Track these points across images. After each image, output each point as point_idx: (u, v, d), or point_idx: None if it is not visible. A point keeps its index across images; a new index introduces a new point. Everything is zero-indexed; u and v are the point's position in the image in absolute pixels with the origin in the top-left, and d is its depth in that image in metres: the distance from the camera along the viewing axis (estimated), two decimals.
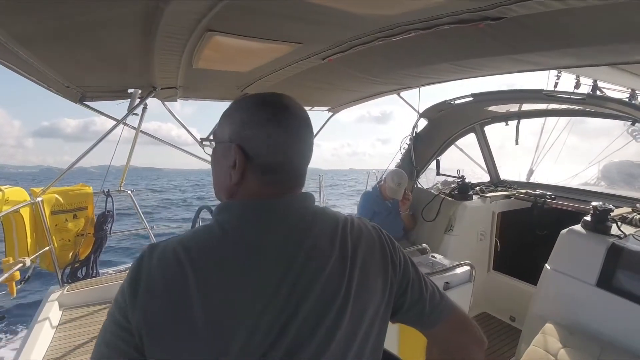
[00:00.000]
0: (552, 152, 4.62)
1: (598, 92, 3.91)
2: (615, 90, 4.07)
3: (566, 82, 3.93)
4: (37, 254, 3.28)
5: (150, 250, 0.71)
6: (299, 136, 0.78)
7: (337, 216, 0.83)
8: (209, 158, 0.86)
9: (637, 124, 3.27)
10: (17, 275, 3.05)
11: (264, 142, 0.75)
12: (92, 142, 3.22)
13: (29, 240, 3.22)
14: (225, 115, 0.81)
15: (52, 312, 2.95)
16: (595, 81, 3.84)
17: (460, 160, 4.54)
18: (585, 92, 3.73)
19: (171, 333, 0.64)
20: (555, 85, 3.71)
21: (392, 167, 4.26)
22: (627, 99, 3.91)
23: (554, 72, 3.71)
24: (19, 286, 3.14)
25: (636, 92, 4.01)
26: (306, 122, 0.80)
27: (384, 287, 0.80)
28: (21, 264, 2.98)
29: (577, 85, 3.87)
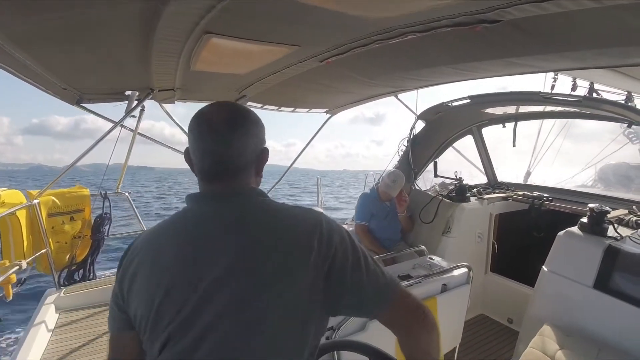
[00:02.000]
0: (549, 154, 4.64)
1: (594, 95, 3.92)
2: (612, 93, 4.08)
3: (563, 84, 3.94)
4: (33, 257, 3.26)
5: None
6: (208, 139, 0.91)
7: (272, 207, 0.93)
8: None
9: (633, 126, 3.28)
10: (14, 278, 3.03)
11: (192, 148, 0.95)
12: (83, 140, 3.27)
13: (25, 242, 3.21)
14: None
15: (48, 314, 2.94)
16: (591, 83, 3.85)
17: (458, 162, 4.56)
18: (582, 94, 3.74)
19: (131, 295, 0.88)
20: (552, 87, 3.72)
21: (390, 169, 4.27)
22: (623, 102, 3.93)
23: (551, 75, 3.72)
24: (15, 289, 3.12)
25: (632, 94, 4.02)
26: (218, 125, 0.91)
27: (308, 275, 0.84)
28: (17, 267, 2.96)
29: (574, 88, 3.87)
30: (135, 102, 3.10)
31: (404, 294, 0.95)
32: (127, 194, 4.23)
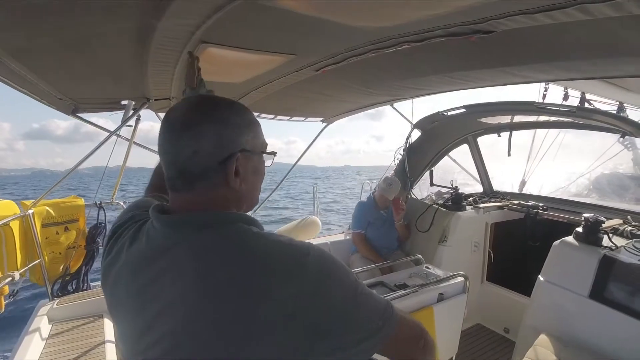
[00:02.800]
0: (543, 162, 4.66)
1: (586, 105, 3.96)
2: (604, 103, 4.13)
3: (554, 93, 3.98)
4: (26, 268, 3.22)
5: None
6: (163, 137, 0.79)
7: (240, 246, 0.72)
8: None
9: (626, 137, 3.31)
10: (6, 289, 3.00)
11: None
12: (83, 143, 3.29)
13: (18, 253, 3.17)
14: None
15: (41, 326, 2.89)
16: (583, 93, 3.89)
17: (453, 170, 4.58)
18: (574, 104, 3.78)
19: None
20: (544, 97, 3.76)
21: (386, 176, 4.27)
22: (615, 112, 3.97)
23: (542, 84, 3.75)
24: (8, 301, 3.09)
25: (624, 104, 4.06)
26: (174, 121, 0.79)
27: (281, 339, 0.66)
28: (10, 278, 2.93)
29: (566, 97, 3.91)
30: (132, 112, 3.10)
31: (402, 324, 0.81)
32: (122, 204, 4.21)
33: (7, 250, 3.13)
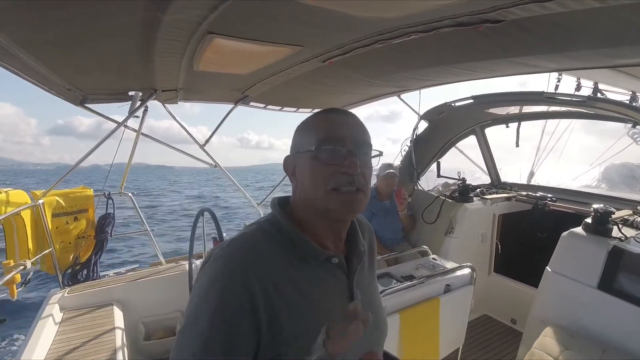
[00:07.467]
0: (552, 154, 4.61)
1: (599, 95, 3.90)
2: (616, 93, 4.06)
3: (567, 84, 3.93)
4: (37, 257, 3.27)
5: None
6: None
7: None
8: (207, 158, 0.88)
9: (637, 127, 3.26)
10: (18, 277, 3.04)
11: None
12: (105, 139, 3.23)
13: (29, 242, 3.22)
14: None
15: (52, 314, 2.95)
16: (595, 83, 3.82)
17: (461, 161, 4.55)
18: (586, 94, 3.72)
19: None
20: (556, 87, 3.71)
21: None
22: (627, 102, 3.90)
23: (555, 74, 3.70)
24: (20, 289, 3.14)
25: (637, 94, 3.99)
26: None
27: None
28: (22, 267, 2.97)
29: (578, 88, 3.85)
30: (139, 103, 3.11)
31: None
32: (130, 194, 4.24)
33: (18, 239, 3.18)
